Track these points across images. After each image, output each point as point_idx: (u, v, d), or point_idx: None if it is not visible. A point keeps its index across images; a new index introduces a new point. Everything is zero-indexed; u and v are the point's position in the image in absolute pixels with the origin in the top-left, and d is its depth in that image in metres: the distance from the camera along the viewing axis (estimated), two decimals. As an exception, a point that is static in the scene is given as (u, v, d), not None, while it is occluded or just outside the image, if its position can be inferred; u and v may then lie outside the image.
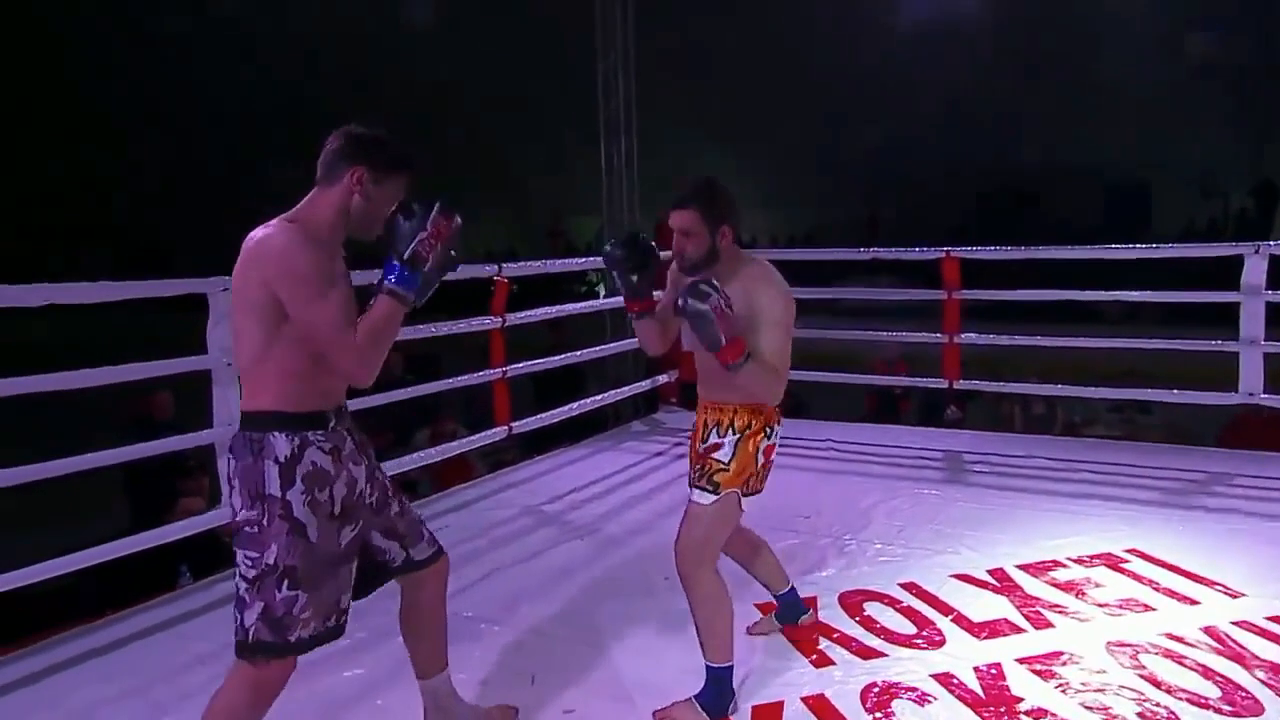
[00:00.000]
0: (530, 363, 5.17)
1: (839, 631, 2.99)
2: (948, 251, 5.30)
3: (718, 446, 2.48)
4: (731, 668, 2.50)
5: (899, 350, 6.80)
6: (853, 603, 3.20)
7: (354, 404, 2.08)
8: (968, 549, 3.63)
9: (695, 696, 2.49)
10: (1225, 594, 3.18)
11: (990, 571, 3.41)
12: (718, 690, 2.48)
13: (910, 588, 3.30)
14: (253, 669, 1.96)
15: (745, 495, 2.51)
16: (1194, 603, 3.13)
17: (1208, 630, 2.92)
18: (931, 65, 15.72)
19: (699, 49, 15.85)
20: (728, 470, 2.46)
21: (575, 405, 5.53)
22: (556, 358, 5.44)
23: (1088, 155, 15.32)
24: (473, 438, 4.99)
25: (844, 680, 2.69)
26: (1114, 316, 10.19)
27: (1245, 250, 4.71)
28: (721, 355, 2.30)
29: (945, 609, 3.11)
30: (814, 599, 3.18)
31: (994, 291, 5.50)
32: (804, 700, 2.59)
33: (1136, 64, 14.73)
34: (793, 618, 2.97)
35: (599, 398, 5.92)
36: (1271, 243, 4.74)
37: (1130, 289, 5.44)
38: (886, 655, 2.84)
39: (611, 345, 6.32)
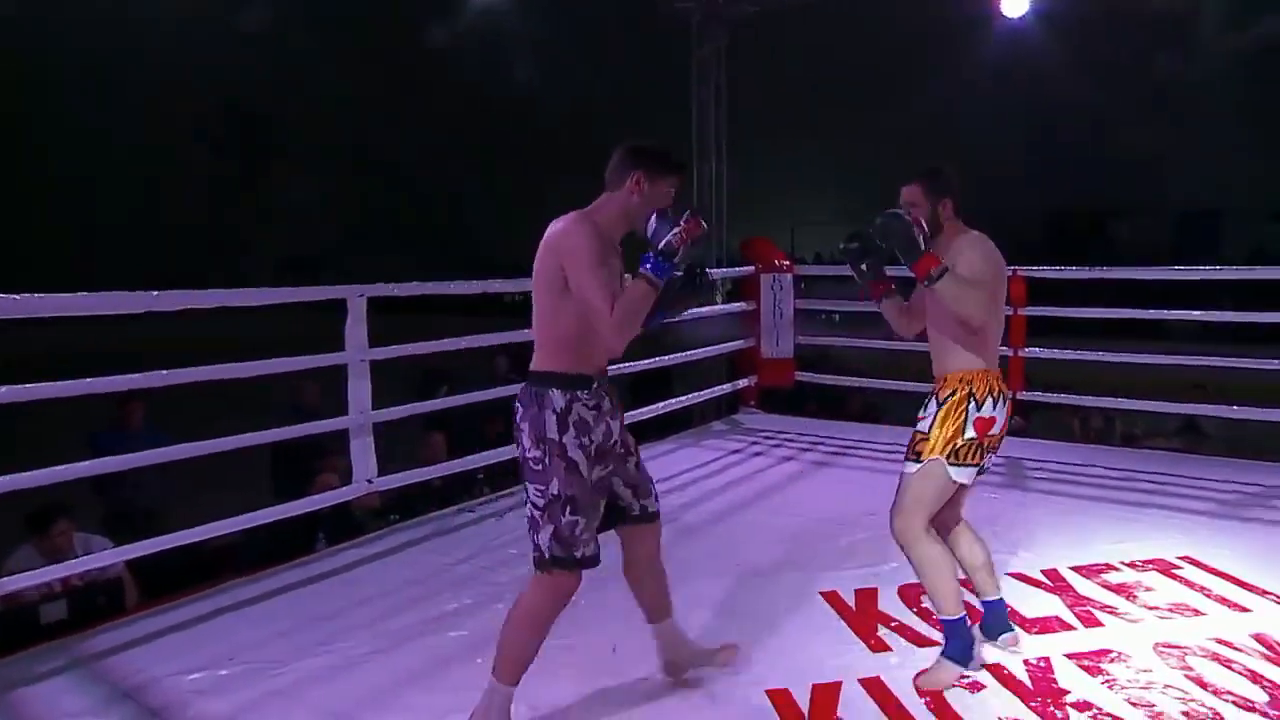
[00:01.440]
0: (620, 365, 5.25)
1: (897, 620, 2.96)
2: (1014, 270, 5.14)
3: (922, 419, 2.53)
4: (965, 618, 2.50)
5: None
6: (912, 595, 3.15)
7: (474, 396, 2.20)
8: (1023, 550, 3.53)
9: (942, 654, 2.53)
10: (1277, 603, 3.02)
11: (1044, 571, 3.31)
12: (959, 641, 2.50)
13: (966, 584, 3.21)
14: (550, 579, 2.22)
15: (959, 465, 2.44)
16: (1245, 610, 2.98)
17: (1258, 637, 2.78)
18: (1010, 92, 15.20)
19: (787, 74, 15.70)
20: (928, 439, 2.48)
21: (661, 405, 5.59)
22: (645, 361, 5.50)
23: (1159, 182, 14.58)
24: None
25: (899, 665, 2.66)
26: (1185, 335, 9.75)
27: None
28: (918, 267, 2.39)
29: (999, 604, 3.04)
30: (874, 590, 3.17)
31: (1057, 309, 5.32)
32: (860, 681, 2.58)
33: (1210, 94, 13.96)
34: (994, 633, 2.71)
35: (684, 398, 5.96)
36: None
37: (1198, 308, 5.19)
38: (941, 644, 2.80)
39: (697, 351, 6.36)
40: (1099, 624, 2.89)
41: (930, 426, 2.47)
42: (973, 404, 2.44)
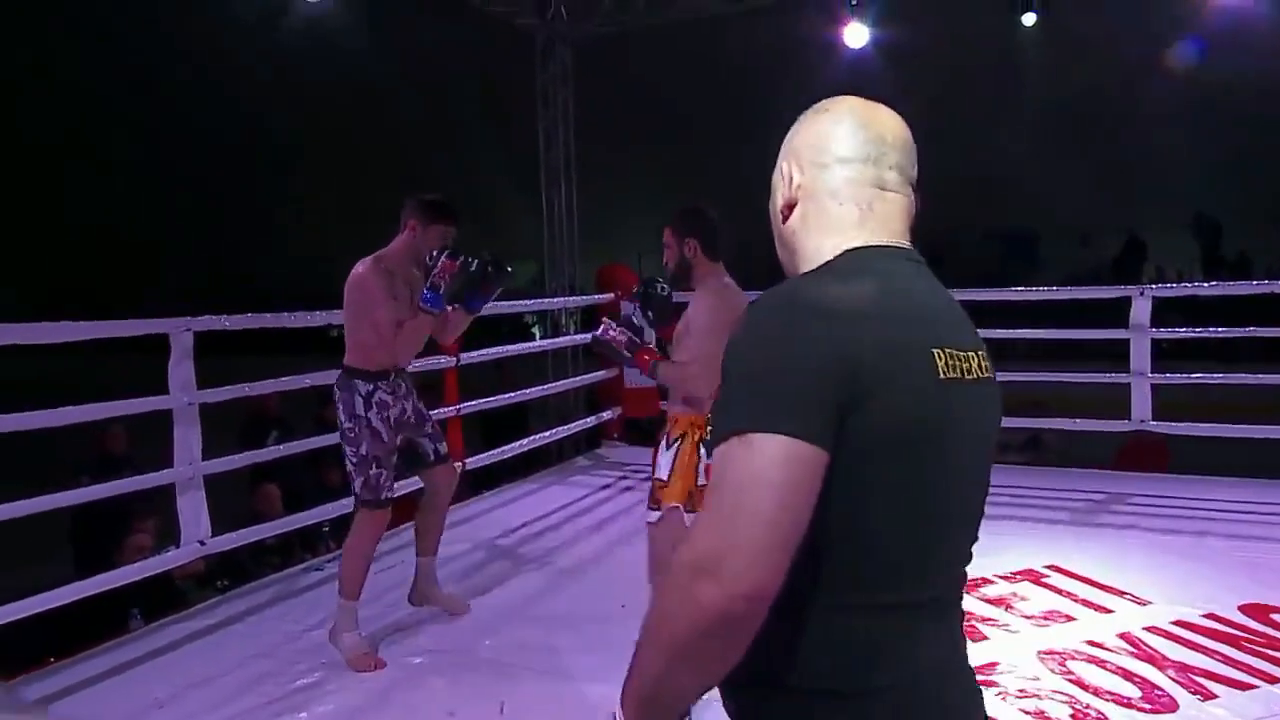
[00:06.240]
0: (484, 400, 5.12)
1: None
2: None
3: (658, 464, 2.56)
4: None
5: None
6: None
7: (312, 442, 2.05)
8: (903, 569, 3.71)
9: None
10: (1134, 602, 3.33)
11: (926, 589, 3.49)
12: None
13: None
14: (366, 515, 3.01)
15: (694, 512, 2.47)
16: (1109, 611, 3.27)
17: (1123, 636, 3.05)
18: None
19: (634, 97, 16.03)
20: (666, 485, 2.53)
21: (528, 440, 5.49)
22: (506, 395, 5.40)
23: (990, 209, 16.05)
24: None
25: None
26: (1017, 353, 10.60)
27: (1132, 292, 5.00)
28: (638, 365, 2.75)
29: (888, 626, 3.18)
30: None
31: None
32: None
33: (1028, 125, 15.56)
34: None
35: (550, 433, 5.88)
36: (1154, 285, 5.03)
37: (1030, 328, 5.73)
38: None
39: (554, 384, 6.31)
40: (985, 637, 3.07)
41: (668, 473, 2.52)
42: (704, 451, 2.48)
